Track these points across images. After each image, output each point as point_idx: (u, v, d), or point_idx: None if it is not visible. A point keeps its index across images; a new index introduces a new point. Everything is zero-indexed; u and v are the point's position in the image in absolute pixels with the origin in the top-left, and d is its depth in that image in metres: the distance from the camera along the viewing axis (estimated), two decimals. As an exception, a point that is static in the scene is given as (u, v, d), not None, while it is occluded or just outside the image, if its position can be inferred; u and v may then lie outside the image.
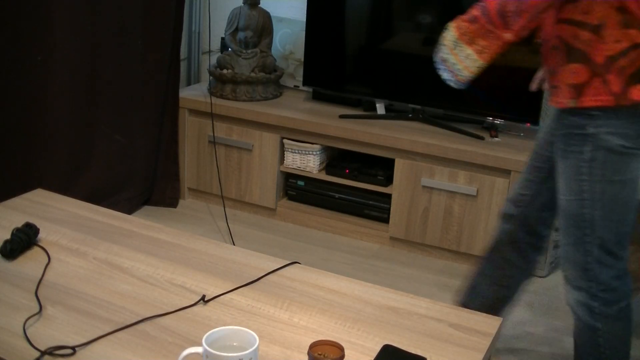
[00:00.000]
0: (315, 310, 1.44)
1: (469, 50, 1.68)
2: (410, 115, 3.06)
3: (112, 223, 1.78)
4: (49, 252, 1.61)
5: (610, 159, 1.67)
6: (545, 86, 1.88)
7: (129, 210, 3.11)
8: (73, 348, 1.26)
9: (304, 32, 3.14)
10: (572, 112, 1.68)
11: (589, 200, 1.71)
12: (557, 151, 1.78)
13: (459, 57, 1.70)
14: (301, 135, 3.02)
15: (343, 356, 1.19)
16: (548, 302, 2.63)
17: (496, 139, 2.88)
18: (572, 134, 1.70)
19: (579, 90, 1.65)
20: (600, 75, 1.62)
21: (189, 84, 3.53)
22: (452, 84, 1.75)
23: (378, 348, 1.31)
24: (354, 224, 3.06)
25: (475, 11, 1.68)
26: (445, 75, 1.75)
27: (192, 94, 3.26)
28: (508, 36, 1.64)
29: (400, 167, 2.87)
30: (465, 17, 1.70)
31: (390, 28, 3.05)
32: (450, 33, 1.72)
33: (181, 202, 3.33)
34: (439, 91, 3.01)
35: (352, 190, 3.05)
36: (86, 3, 2.70)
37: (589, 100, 1.64)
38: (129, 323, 1.35)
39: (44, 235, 1.68)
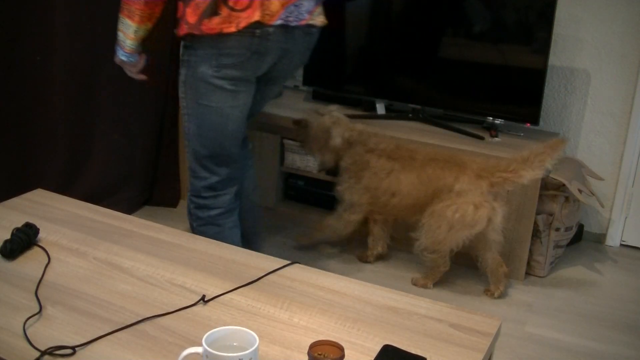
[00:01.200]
0: (315, 310, 1.44)
1: (127, 21, 1.99)
2: (410, 115, 3.06)
3: (112, 223, 1.78)
4: (49, 252, 1.61)
5: (197, 84, 2.01)
6: None
7: (129, 210, 3.11)
8: (73, 348, 1.26)
9: (304, 32, 3.14)
10: (178, 41, 1.97)
11: (186, 115, 2.08)
12: None
13: (124, 32, 2.02)
14: (301, 135, 3.02)
15: (343, 356, 1.19)
16: (548, 302, 2.63)
17: (496, 138, 2.88)
18: (180, 60, 2.06)
19: (177, 22, 1.99)
20: (184, 9, 1.95)
21: (189, 84, 3.53)
22: (124, 58, 2.06)
23: (378, 348, 1.31)
24: (354, 224, 3.06)
25: None
26: (119, 53, 2.06)
27: (192, 94, 3.25)
28: None
29: (400, 167, 2.86)
30: None
31: (390, 28, 3.05)
32: (119, 18, 1.99)
33: (181, 202, 3.33)
34: (439, 91, 3.02)
35: (352, 190, 3.04)
36: (85, 3, 2.70)
37: (179, 30, 1.99)
38: (129, 323, 1.35)
39: (44, 235, 1.69)
